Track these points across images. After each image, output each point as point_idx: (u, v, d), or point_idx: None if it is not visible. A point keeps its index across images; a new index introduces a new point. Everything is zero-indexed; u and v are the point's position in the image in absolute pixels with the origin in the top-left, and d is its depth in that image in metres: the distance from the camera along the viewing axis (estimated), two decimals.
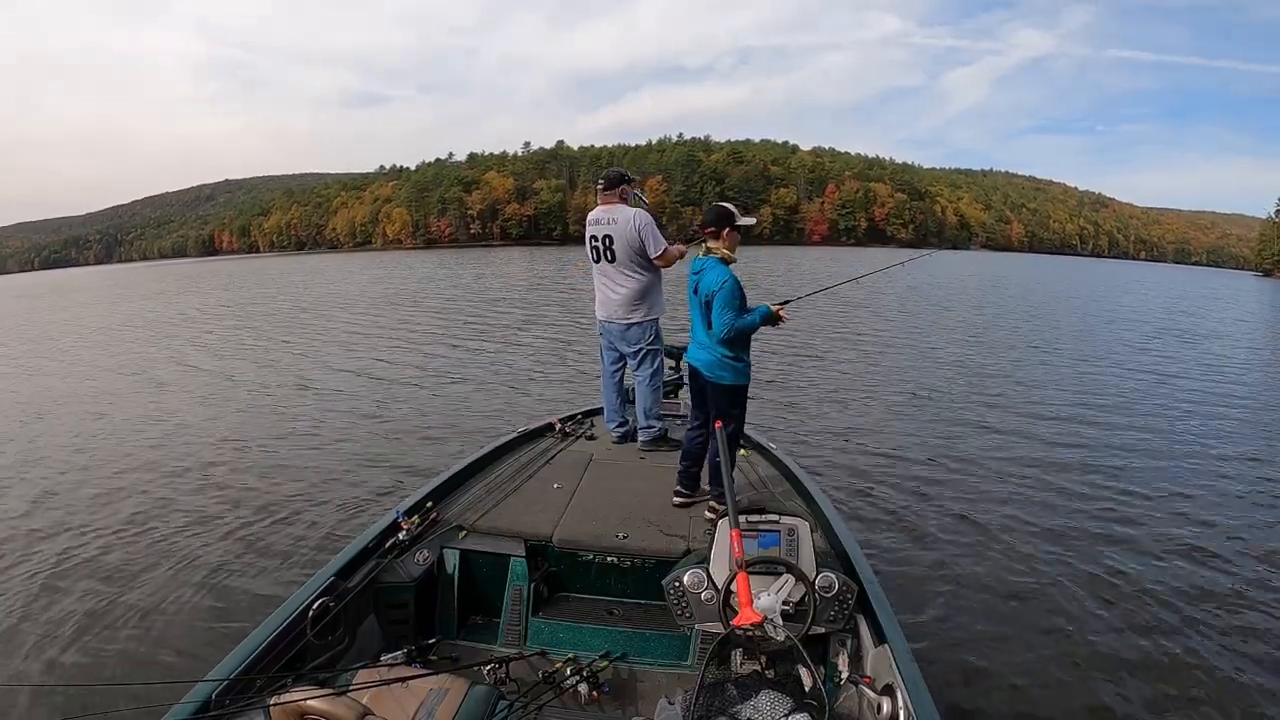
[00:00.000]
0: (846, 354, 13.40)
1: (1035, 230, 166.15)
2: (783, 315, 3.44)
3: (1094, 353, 14.23)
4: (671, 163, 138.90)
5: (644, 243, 4.21)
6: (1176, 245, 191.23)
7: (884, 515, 5.59)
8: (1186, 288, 44.29)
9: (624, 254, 4.25)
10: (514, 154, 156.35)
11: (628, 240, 4.21)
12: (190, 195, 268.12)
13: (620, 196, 4.34)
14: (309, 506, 5.80)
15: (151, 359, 14.09)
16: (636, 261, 4.28)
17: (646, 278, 4.33)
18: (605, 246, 4.29)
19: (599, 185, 4.40)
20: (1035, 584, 4.56)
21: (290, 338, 16.46)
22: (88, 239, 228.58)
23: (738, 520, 2.48)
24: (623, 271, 4.30)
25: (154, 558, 4.96)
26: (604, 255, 4.32)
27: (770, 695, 2.02)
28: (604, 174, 4.45)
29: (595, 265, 4.42)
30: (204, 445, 7.81)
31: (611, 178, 4.38)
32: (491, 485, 3.70)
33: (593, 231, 4.35)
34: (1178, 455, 7.20)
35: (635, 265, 4.29)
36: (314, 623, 2.46)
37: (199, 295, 32.99)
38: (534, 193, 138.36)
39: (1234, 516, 5.69)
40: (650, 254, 4.24)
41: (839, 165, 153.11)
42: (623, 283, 4.33)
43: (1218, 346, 16.28)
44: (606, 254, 4.30)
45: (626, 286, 4.33)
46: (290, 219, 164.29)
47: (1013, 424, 8.40)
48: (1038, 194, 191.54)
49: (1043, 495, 6.09)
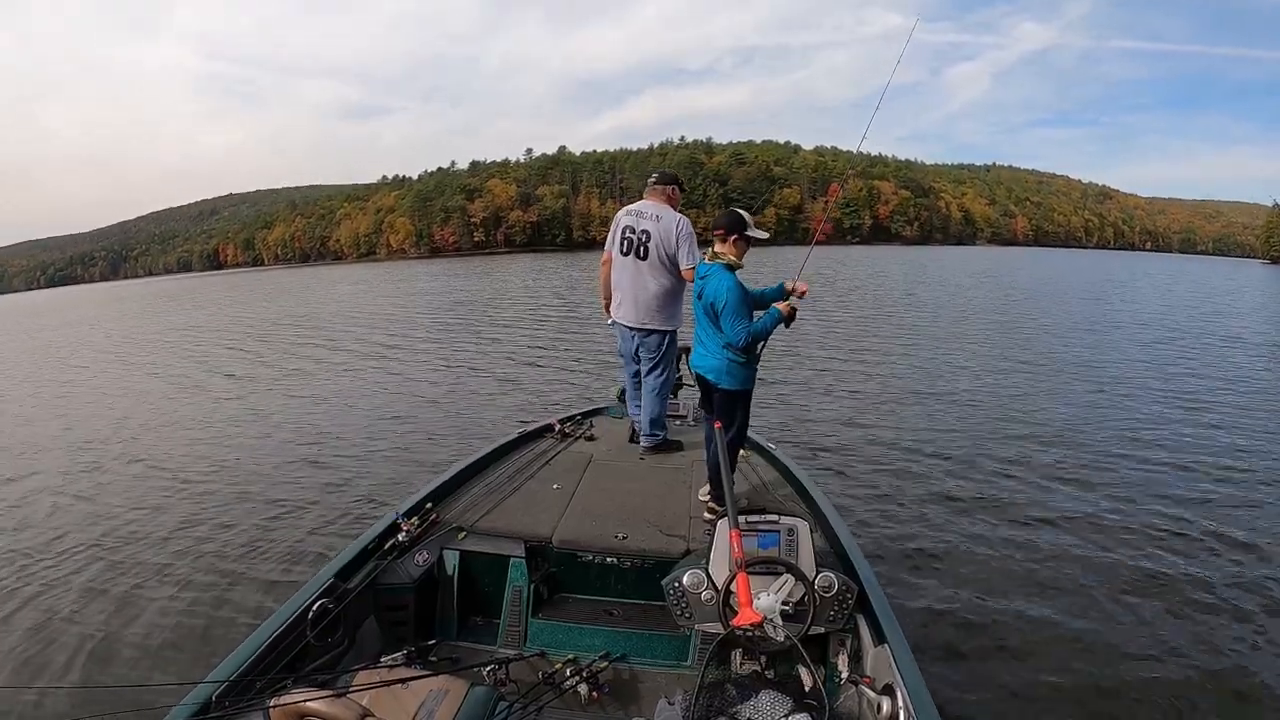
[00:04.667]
0: (847, 354, 13.38)
1: (1040, 224, 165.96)
2: (799, 295, 3.35)
3: (1100, 352, 14.13)
4: (674, 165, 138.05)
5: (679, 250, 4.11)
6: (1182, 235, 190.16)
7: (884, 515, 5.56)
8: (1204, 280, 43.60)
9: (657, 254, 4.14)
10: (516, 161, 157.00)
11: (664, 241, 4.11)
12: (194, 210, 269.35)
13: (668, 197, 4.25)
14: (309, 508, 5.83)
15: (162, 368, 14.19)
16: (667, 265, 4.17)
17: (673, 283, 4.23)
18: (641, 241, 4.16)
19: (651, 179, 4.31)
20: (1036, 584, 4.54)
21: (294, 346, 16.50)
22: (93, 256, 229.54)
23: (737, 521, 2.48)
24: (653, 272, 4.19)
25: (154, 559, 5.01)
26: (636, 250, 4.18)
27: (770, 695, 2.02)
28: (659, 170, 4.40)
29: (621, 259, 4.26)
30: (204, 447, 7.88)
31: (666, 176, 4.32)
32: (491, 486, 3.70)
33: (629, 223, 4.21)
34: (1185, 458, 7.03)
35: (665, 269, 4.18)
36: (314, 624, 2.47)
37: (206, 310, 33.19)
38: (537, 199, 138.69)
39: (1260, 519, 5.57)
40: (682, 264, 4.11)
41: (841, 164, 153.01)
42: (649, 284, 4.22)
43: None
44: (639, 250, 4.17)
45: (651, 290, 4.22)
46: (294, 231, 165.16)
47: (1014, 424, 8.33)
48: (1041, 187, 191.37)
49: (1044, 495, 6.04)
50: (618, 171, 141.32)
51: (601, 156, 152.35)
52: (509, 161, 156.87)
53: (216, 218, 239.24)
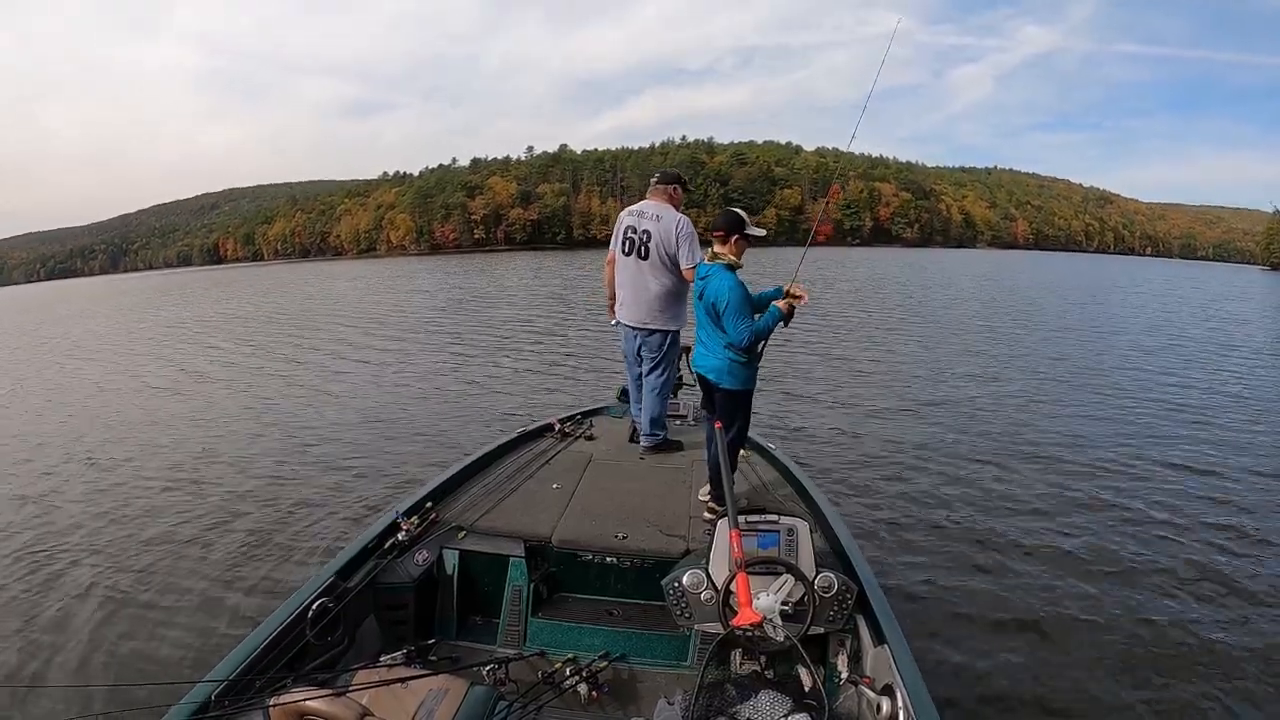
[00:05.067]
0: (848, 353, 13.40)
1: (1040, 227, 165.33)
2: (796, 299, 3.31)
3: (1103, 355, 14.19)
4: (675, 165, 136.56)
5: (680, 249, 4.11)
6: (1182, 241, 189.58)
7: (884, 515, 5.57)
8: (1209, 285, 43.56)
9: (657, 254, 4.16)
10: (517, 158, 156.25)
11: (665, 241, 4.12)
12: (195, 204, 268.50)
13: (670, 196, 4.26)
14: (308, 507, 5.83)
15: (158, 364, 14.15)
16: (668, 265, 4.18)
17: (674, 283, 4.23)
18: (641, 242, 4.18)
19: (653, 179, 4.32)
20: (1036, 584, 4.54)
21: (292, 344, 16.52)
22: (93, 249, 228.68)
23: (737, 521, 2.48)
24: (654, 272, 4.21)
25: (153, 558, 5.00)
26: (637, 250, 4.20)
27: (770, 695, 2.02)
28: (661, 170, 4.41)
29: (623, 259, 4.29)
30: (202, 446, 7.87)
31: (668, 175, 4.33)
32: (491, 486, 3.70)
33: (631, 223, 4.24)
34: (1192, 462, 7.04)
35: (666, 268, 4.19)
36: (314, 623, 2.47)
37: (207, 303, 33.12)
38: (537, 197, 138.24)
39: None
40: (683, 264, 4.11)
41: (843, 165, 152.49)
42: (650, 284, 4.23)
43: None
44: (640, 250, 4.19)
45: (652, 290, 4.24)
46: (295, 226, 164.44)
47: (1015, 425, 8.36)
48: (1042, 191, 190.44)
49: (1045, 496, 6.06)
50: (619, 170, 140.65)
51: (603, 155, 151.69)
52: (510, 159, 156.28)
53: (217, 212, 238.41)
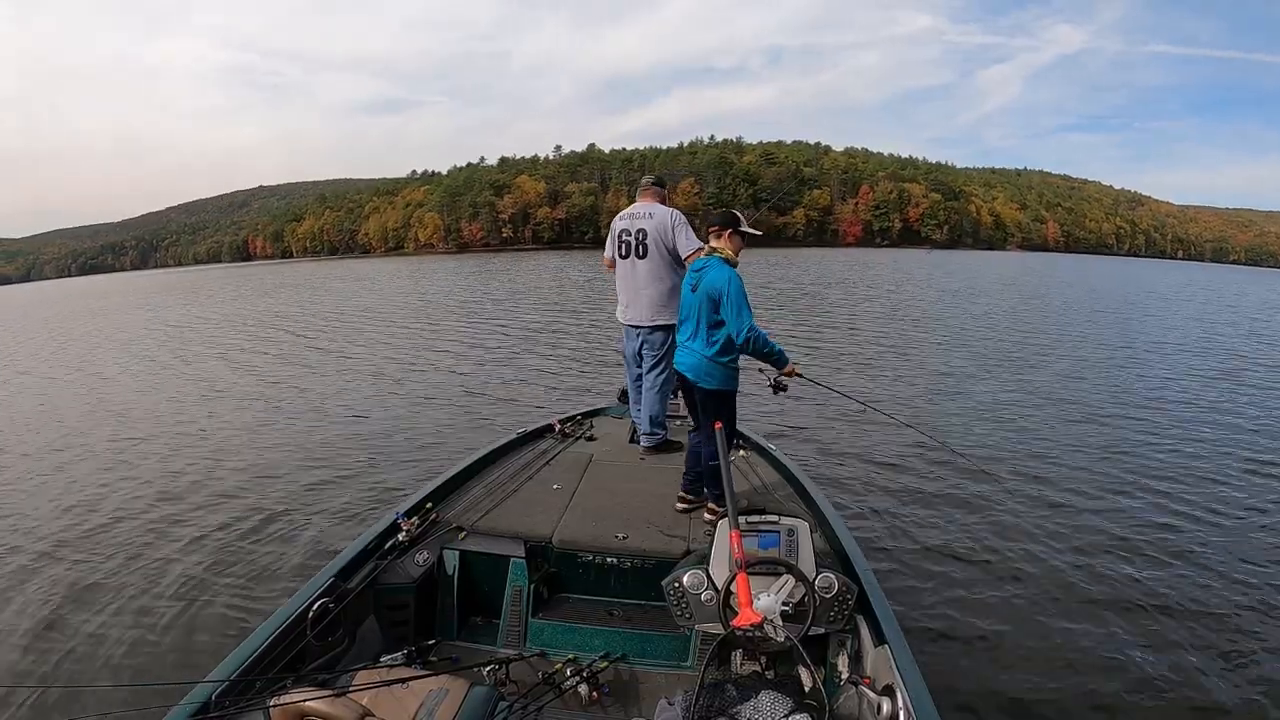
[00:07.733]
0: (849, 354, 13.35)
1: (1071, 230, 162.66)
2: (795, 372, 3.41)
3: (1112, 356, 13.85)
4: (703, 165, 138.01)
5: (676, 238, 4.18)
6: (1215, 244, 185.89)
7: (884, 516, 5.53)
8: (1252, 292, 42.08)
9: (656, 250, 4.23)
10: (545, 157, 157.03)
11: (661, 236, 4.19)
12: (225, 201, 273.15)
13: (660, 198, 4.38)
14: (308, 507, 5.86)
15: (166, 365, 14.29)
16: (667, 260, 4.24)
17: (674, 279, 4.25)
18: (638, 241, 4.26)
19: (645, 181, 4.45)
20: (1037, 584, 4.50)
21: (294, 344, 16.58)
22: (124, 245, 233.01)
23: (737, 521, 2.46)
24: (652, 270, 4.26)
25: (153, 557, 5.03)
26: (634, 250, 4.28)
27: (770, 696, 2.01)
28: (649, 175, 4.55)
29: (622, 262, 4.37)
30: (202, 445, 7.93)
31: (656, 179, 4.48)
32: (491, 486, 3.71)
33: (625, 225, 4.33)
34: (1196, 466, 6.86)
35: (666, 264, 4.25)
36: (314, 624, 2.48)
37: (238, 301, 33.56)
38: (565, 196, 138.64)
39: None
40: (681, 252, 4.18)
41: (872, 165, 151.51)
42: (650, 282, 4.28)
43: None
44: (638, 249, 4.27)
45: (653, 287, 4.28)
46: (323, 224, 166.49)
47: (1016, 426, 8.25)
48: (1073, 193, 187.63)
49: (1046, 496, 5.99)
50: (647, 169, 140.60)
51: (631, 155, 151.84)
52: (538, 158, 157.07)
53: (246, 210, 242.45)
